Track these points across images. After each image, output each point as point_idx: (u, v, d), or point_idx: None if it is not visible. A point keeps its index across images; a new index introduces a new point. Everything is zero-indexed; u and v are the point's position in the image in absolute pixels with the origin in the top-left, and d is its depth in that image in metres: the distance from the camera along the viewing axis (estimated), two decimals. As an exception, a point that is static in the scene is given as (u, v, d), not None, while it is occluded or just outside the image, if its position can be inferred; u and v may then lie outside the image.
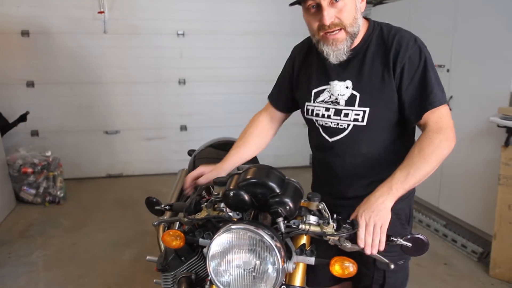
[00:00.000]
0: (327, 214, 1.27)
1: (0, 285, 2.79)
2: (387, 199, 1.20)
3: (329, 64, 1.42)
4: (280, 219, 1.20)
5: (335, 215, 1.29)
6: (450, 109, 1.37)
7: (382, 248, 1.16)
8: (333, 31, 1.32)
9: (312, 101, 1.50)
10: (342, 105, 1.42)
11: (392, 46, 1.36)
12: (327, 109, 1.46)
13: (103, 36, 4.93)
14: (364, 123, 1.40)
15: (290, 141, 5.35)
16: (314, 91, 1.49)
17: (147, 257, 1.84)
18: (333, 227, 1.26)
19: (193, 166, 2.46)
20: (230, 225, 1.17)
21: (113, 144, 5.27)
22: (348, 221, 1.29)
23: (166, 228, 1.71)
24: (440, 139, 1.27)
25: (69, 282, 2.85)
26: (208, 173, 1.59)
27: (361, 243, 1.17)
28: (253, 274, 1.14)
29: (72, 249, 3.32)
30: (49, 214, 4.04)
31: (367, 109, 1.39)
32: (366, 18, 1.45)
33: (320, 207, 1.28)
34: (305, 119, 1.58)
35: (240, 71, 5.29)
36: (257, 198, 1.21)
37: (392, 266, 1.22)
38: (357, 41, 1.40)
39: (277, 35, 5.20)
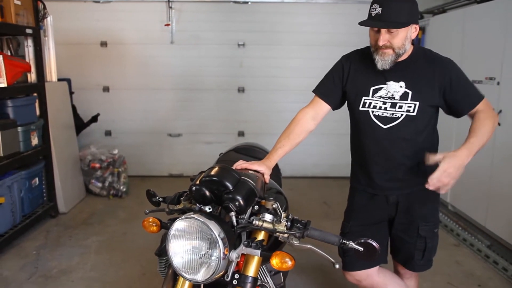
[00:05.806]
0: (279, 213, 1.40)
1: (56, 262, 3.23)
2: (466, 159, 1.67)
3: (385, 70, 1.81)
4: (232, 214, 1.35)
5: (290, 215, 1.41)
6: (499, 124, 1.86)
7: (444, 191, 1.69)
8: (384, 48, 1.75)
9: (370, 96, 1.88)
10: (397, 99, 1.83)
11: (437, 62, 1.84)
12: (384, 103, 1.84)
13: (169, 46, 5.39)
14: (415, 113, 1.81)
15: (332, 150, 5.44)
16: (372, 88, 1.88)
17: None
18: (285, 225, 1.38)
19: (215, 167, 2.67)
20: (189, 214, 1.34)
21: (176, 146, 5.69)
22: (303, 221, 1.40)
23: None
24: (492, 115, 1.80)
25: (112, 265, 3.20)
26: (249, 166, 1.71)
27: (434, 182, 1.62)
28: (201, 260, 1.30)
29: (122, 238, 3.71)
30: (110, 206, 4.51)
31: (417, 103, 1.81)
32: (412, 43, 1.89)
33: (274, 206, 1.41)
34: (358, 112, 1.91)
35: (295, 81, 5.42)
36: (214, 194, 1.38)
37: (337, 266, 1.32)
38: (405, 56, 1.83)
39: (329, 46, 5.31)
